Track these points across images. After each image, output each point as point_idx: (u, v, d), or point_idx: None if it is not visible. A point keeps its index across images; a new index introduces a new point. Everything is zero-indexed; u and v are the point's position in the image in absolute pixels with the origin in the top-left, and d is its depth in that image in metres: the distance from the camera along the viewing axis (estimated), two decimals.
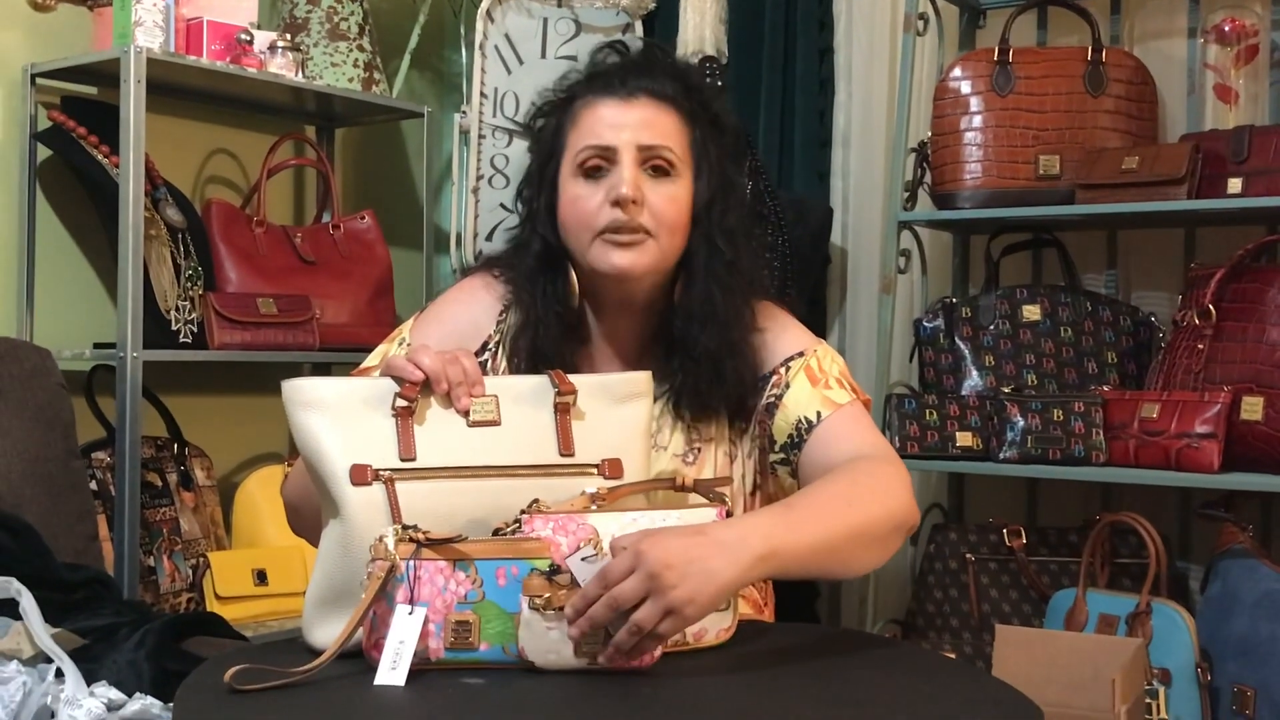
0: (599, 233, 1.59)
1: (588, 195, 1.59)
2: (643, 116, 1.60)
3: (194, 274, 2.56)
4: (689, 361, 1.63)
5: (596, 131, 1.60)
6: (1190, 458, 2.30)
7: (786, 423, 1.64)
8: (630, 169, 1.58)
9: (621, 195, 1.56)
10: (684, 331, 1.63)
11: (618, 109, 1.60)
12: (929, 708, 1.28)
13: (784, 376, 1.66)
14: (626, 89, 1.61)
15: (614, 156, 1.59)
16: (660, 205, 1.59)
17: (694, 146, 1.64)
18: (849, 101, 3.00)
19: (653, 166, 1.59)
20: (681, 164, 1.61)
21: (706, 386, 1.63)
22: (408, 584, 1.31)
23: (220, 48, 2.58)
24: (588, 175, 1.60)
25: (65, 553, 2.07)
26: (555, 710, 1.23)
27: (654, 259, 1.60)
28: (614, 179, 1.58)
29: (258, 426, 2.96)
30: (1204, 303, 2.42)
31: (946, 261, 2.96)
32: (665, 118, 1.61)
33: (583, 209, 1.60)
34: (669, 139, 1.60)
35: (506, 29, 2.87)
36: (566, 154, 1.63)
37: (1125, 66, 2.62)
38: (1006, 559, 2.62)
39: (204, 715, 1.23)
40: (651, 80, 1.62)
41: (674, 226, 1.60)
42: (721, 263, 1.63)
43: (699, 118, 1.65)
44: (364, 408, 1.41)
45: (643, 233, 1.58)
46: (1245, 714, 2.23)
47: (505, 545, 1.34)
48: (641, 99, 1.61)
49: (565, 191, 1.62)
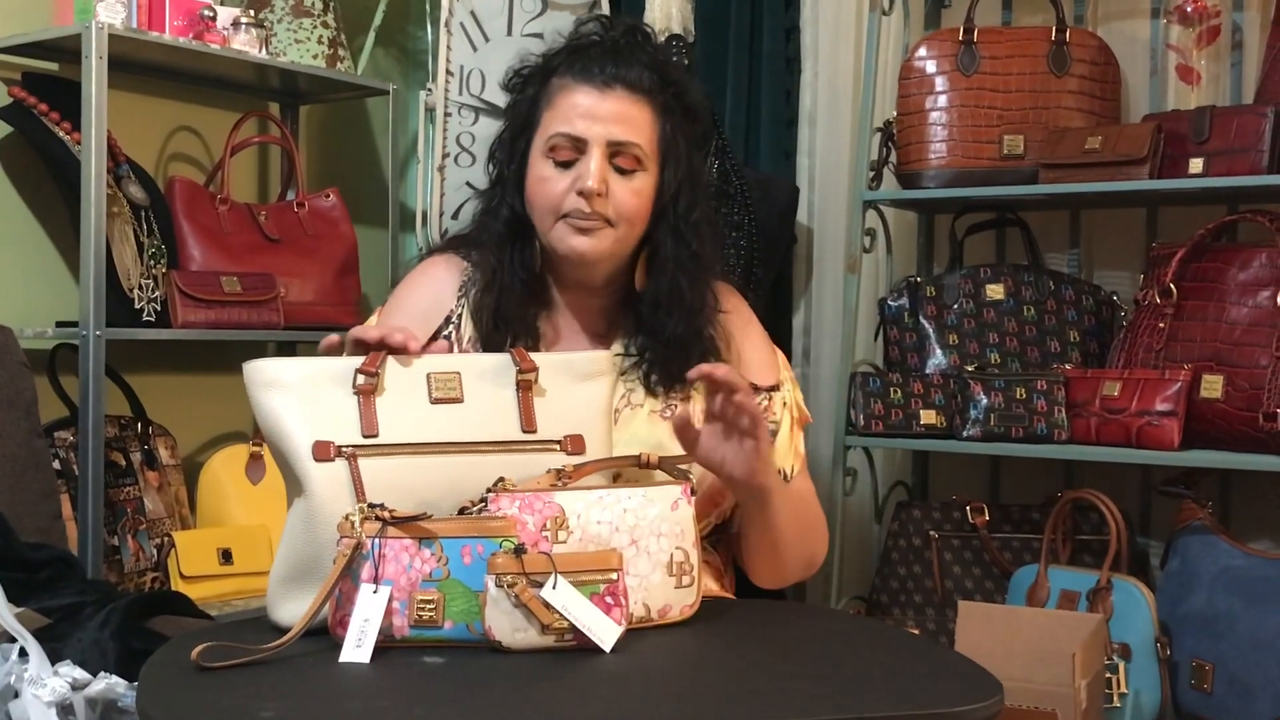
0: (561, 216, 1.65)
1: (555, 179, 1.65)
2: (616, 110, 1.65)
3: (157, 252, 2.55)
4: (657, 344, 1.69)
5: (570, 119, 1.64)
6: (1151, 435, 2.33)
7: None
8: (599, 162, 1.63)
9: (587, 188, 1.62)
10: (651, 317, 1.70)
11: (593, 99, 1.65)
12: (892, 681, 1.30)
13: (772, 408, 1.76)
14: (604, 78, 1.65)
15: (584, 148, 1.64)
16: (623, 198, 1.65)
17: (663, 140, 1.69)
18: (815, 80, 3.00)
19: (620, 161, 1.65)
20: (649, 159, 1.67)
21: (677, 368, 1.68)
22: (373, 562, 1.31)
23: (183, 23, 2.56)
24: (557, 160, 1.65)
25: (29, 532, 2.06)
26: (520, 686, 1.24)
27: (611, 246, 1.66)
28: (581, 169, 1.63)
29: (222, 405, 2.95)
30: (1165, 282, 2.44)
31: (911, 241, 2.97)
32: (638, 112, 1.66)
33: (549, 191, 1.65)
34: (639, 135, 1.66)
35: (472, 6, 2.85)
36: (539, 132, 1.67)
37: (1089, 47, 2.63)
38: (969, 536, 2.64)
39: (169, 694, 1.23)
40: (629, 69, 1.66)
41: (634, 218, 1.67)
42: (688, 254, 1.70)
43: (671, 110, 1.70)
44: (326, 386, 1.41)
45: (603, 221, 1.64)
46: (1204, 688, 2.26)
47: (471, 524, 1.35)
48: (617, 90, 1.65)
49: (534, 169, 1.67)
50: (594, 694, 1.23)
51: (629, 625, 1.35)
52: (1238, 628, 2.24)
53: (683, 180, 1.70)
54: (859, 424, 2.61)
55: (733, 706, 1.19)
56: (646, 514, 1.41)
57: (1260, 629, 2.21)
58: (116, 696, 1.57)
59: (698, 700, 1.22)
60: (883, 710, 1.19)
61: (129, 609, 1.79)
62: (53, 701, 1.53)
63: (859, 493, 2.83)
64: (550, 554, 1.33)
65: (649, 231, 1.70)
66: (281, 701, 1.18)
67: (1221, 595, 2.28)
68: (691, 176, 1.72)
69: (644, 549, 1.40)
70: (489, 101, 2.82)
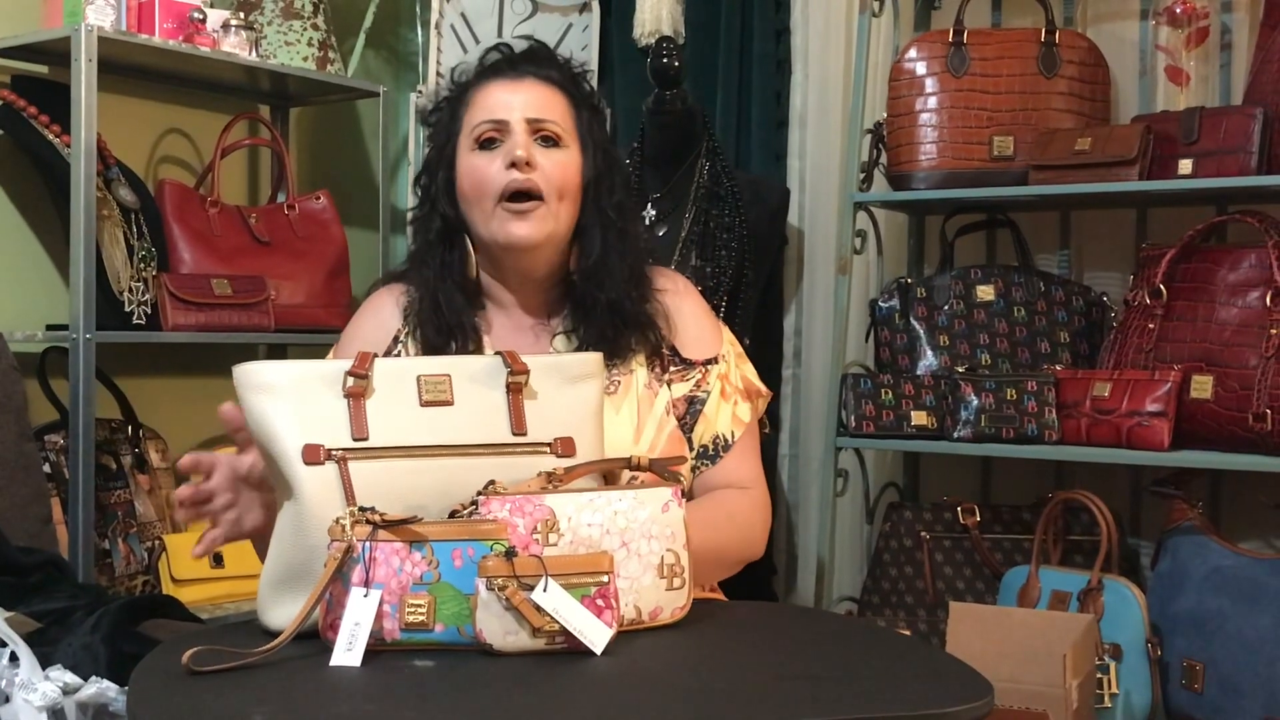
0: (499, 200, 1.69)
1: (485, 163, 1.71)
2: (530, 94, 1.73)
3: (147, 255, 2.54)
4: (592, 315, 1.74)
5: (488, 107, 1.73)
6: (1141, 436, 2.33)
7: (707, 434, 1.78)
8: (523, 136, 1.70)
9: (516, 157, 1.68)
10: (584, 292, 1.74)
11: (508, 87, 1.74)
12: (883, 682, 1.30)
13: (706, 380, 1.79)
14: (515, 71, 1.76)
15: (506, 129, 1.71)
16: (551, 169, 1.70)
17: (579, 124, 1.77)
18: (805, 82, 3.00)
19: (542, 137, 1.72)
20: (568, 136, 1.74)
21: (614, 333, 1.73)
22: (364, 565, 1.31)
23: (173, 26, 2.56)
24: (483, 146, 1.72)
25: (19, 536, 2.06)
26: (510, 689, 1.24)
27: (550, 227, 1.71)
28: (509, 145, 1.70)
29: (213, 408, 2.87)
30: (1155, 282, 2.45)
31: (902, 242, 2.98)
32: (552, 96, 1.75)
33: (481, 176, 1.71)
34: (555, 114, 1.74)
35: (463, 8, 2.86)
36: (462, 132, 1.75)
37: (1078, 48, 2.64)
38: (960, 537, 2.64)
39: (160, 698, 1.23)
40: (537, 66, 1.77)
41: (564, 190, 1.72)
42: (614, 230, 1.76)
43: (581, 102, 1.79)
44: (315, 389, 1.41)
45: (537, 199, 1.69)
46: (1194, 688, 2.26)
47: (462, 527, 1.34)
48: (529, 80, 1.75)
49: (463, 164, 1.74)
50: (584, 696, 1.23)
51: (620, 628, 1.35)
52: (1228, 628, 2.24)
53: (602, 167, 1.76)
54: (850, 425, 2.62)
55: (723, 708, 1.19)
56: (637, 516, 1.41)
57: (1250, 629, 2.22)
58: (107, 700, 1.57)
59: (689, 702, 1.22)
60: (873, 712, 1.19)
61: (120, 613, 1.79)
62: (44, 706, 1.52)
63: (850, 494, 2.84)
64: (541, 557, 1.33)
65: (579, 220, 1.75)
66: (271, 705, 1.18)
67: (1212, 595, 2.29)
68: (610, 164, 1.78)
69: (635, 551, 1.40)
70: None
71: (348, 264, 2.94)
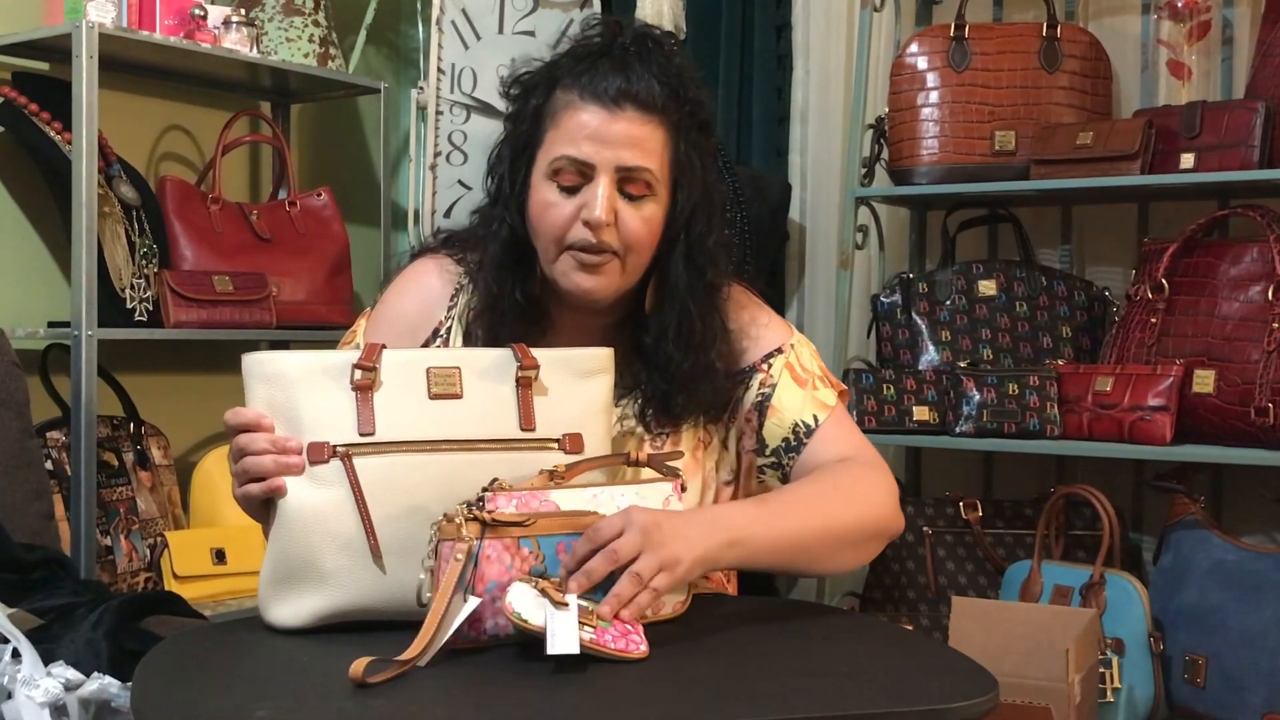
0: (565, 247, 1.55)
1: (559, 205, 1.54)
2: (627, 133, 1.52)
3: (149, 251, 2.54)
4: (661, 378, 1.61)
5: (576, 142, 1.53)
6: (1143, 430, 2.33)
7: (781, 426, 1.65)
8: (606, 190, 1.52)
9: (594, 219, 1.51)
10: (656, 348, 1.60)
11: (601, 119, 1.52)
12: (886, 678, 1.29)
13: (769, 375, 1.66)
14: (613, 96, 1.53)
15: (591, 174, 1.53)
16: (632, 227, 1.54)
17: (675, 162, 1.58)
18: (807, 78, 3.00)
19: (630, 188, 1.54)
20: (660, 184, 1.56)
21: (680, 408, 1.62)
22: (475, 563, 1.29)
23: (174, 23, 2.56)
24: (562, 184, 1.54)
25: (21, 532, 2.06)
26: (513, 682, 1.24)
27: (618, 282, 1.57)
28: (588, 196, 1.52)
29: (214, 405, 2.92)
30: (1157, 277, 2.44)
31: (903, 237, 2.98)
32: (650, 133, 1.54)
33: (553, 219, 1.54)
34: (650, 159, 1.54)
35: (464, 4, 2.85)
36: (542, 152, 1.56)
37: (1080, 43, 2.64)
38: (963, 532, 2.64)
39: (163, 694, 1.23)
40: (640, 84, 1.54)
41: (642, 248, 1.56)
42: (701, 284, 1.60)
43: (685, 127, 1.58)
44: (322, 381, 1.40)
45: (610, 255, 1.54)
46: (1196, 682, 2.26)
47: (566, 520, 1.34)
48: (628, 110, 1.53)
49: (536, 192, 1.56)
50: (587, 689, 1.23)
51: None
52: (1230, 622, 2.24)
53: (696, 204, 1.58)
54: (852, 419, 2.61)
55: (724, 702, 1.19)
56: None
57: (1252, 623, 2.21)
58: (110, 697, 1.57)
59: (689, 696, 1.22)
60: (877, 707, 1.19)
61: (122, 609, 1.79)
62: (46, 702, 1.52)
63: None
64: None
65: (660, 255, 1.60)
66: (275, 701, 1.18)
67: (1214, 589, 2.28)
68: (706, 198, 1.60)
69: None
70: (481, 99, 2.82)
71: (349, 261, 2.94)
